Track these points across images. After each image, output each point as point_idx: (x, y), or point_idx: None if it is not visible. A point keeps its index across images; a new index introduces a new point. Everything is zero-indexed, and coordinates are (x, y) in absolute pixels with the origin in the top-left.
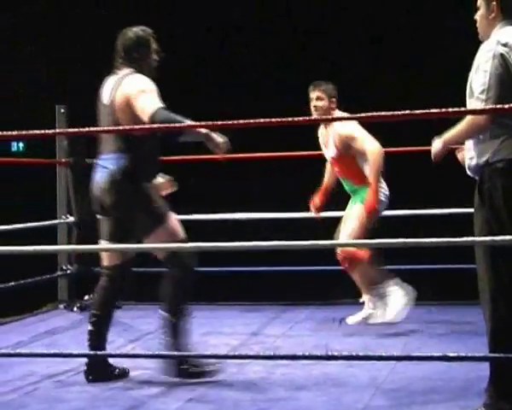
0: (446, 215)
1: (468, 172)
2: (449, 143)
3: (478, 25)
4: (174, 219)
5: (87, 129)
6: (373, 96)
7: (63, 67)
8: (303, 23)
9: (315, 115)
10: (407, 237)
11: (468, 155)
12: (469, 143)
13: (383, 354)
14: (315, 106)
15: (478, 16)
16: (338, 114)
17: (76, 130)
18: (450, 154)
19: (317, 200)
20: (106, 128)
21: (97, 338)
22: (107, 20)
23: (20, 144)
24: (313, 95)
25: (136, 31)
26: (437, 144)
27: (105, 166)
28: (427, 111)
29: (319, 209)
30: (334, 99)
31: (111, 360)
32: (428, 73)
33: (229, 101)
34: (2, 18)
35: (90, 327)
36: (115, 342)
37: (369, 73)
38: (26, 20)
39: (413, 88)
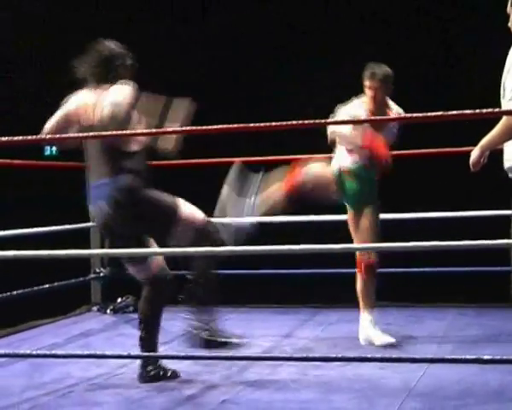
0: (481, 218)
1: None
2: (486, 148)
3: None
4: (184, 204)
5: (119, 132)
6: (403, 96)
7: None
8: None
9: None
10: (440, 240)
11: (506, 156)
12: (506, 145)
13: (416, 357)
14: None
15: (510, 24)
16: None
17: (107, 133)
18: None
19: None
20: (141, 131)
21: (149, 344)
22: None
23: (53, 148)
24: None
25: (110, 46)
26: (474, 152)
27: (103, 192)
28: (461, 112)
29: None
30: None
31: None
32: (462, 73)
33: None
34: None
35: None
36: None
37: (399, 71)
38: (64, 27)
39: (444, 88)
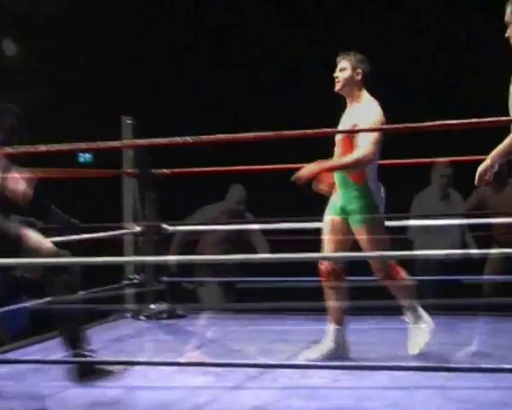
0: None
1: None
2: (496, 158)
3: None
4: (31, 233)
5: (152, 140)
6: (403, 96)
7: (129, 79)
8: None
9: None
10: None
11: None
12: None
13: (452, 366)
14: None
15: (510, 32)
16: (366, 95)
17: (142, 141)
18: None
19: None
20: (168, 140)
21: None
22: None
23: (87, 155)
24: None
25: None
26: (484, 163)
27: None
28: (468, 121)
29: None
30: (359, 70)
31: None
32: (462, 73)
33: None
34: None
35: None
36: (179, 349)
37: (399, 71)
38: (96, 33)
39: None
